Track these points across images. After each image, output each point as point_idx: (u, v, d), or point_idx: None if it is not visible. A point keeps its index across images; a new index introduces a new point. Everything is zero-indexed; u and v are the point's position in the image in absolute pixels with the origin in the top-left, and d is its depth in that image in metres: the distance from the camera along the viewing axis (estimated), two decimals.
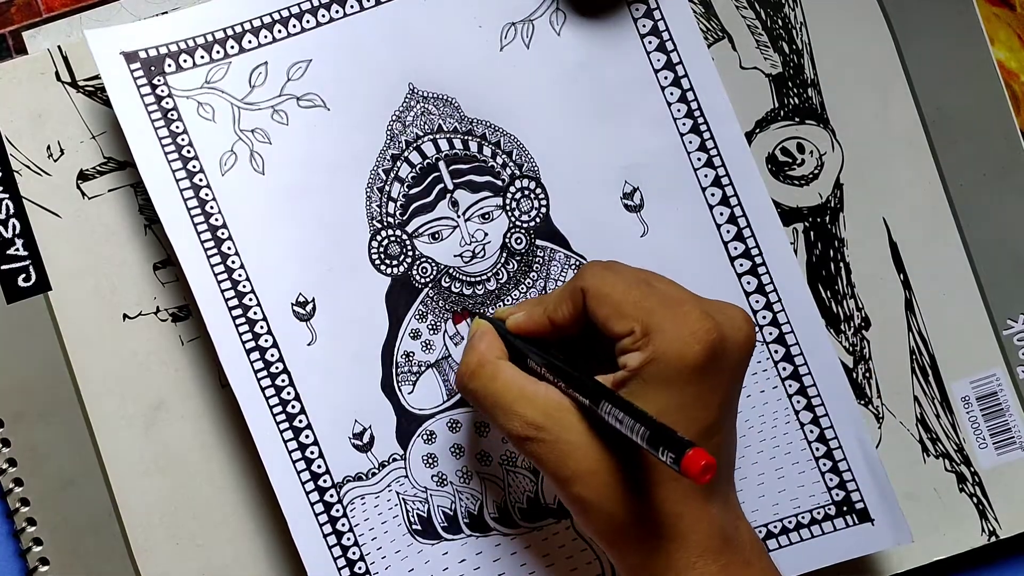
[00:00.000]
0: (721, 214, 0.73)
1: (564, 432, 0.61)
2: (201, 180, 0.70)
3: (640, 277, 0.63)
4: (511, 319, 0.67)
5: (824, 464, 0.72)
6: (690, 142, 0.73)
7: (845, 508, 0.72)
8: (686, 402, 0.60)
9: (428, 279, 0.72)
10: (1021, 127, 0.75)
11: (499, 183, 0.72)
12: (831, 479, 0.72)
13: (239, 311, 0.70)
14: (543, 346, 0.65)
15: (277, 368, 0.70)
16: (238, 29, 0.72)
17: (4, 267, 0.72)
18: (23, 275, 0.72)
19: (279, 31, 0.72)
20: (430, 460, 0.71)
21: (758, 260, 0.73)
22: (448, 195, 0.72)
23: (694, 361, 0.59)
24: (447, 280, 0.72)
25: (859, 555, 0.72)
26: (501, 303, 0.72)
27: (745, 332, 0.62)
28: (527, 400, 0.62)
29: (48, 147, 0.72)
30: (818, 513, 0.72)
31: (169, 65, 0.71)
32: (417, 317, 0.72)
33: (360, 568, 0.70)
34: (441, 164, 0.72)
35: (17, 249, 0.72)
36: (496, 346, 0.66)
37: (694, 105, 0.73)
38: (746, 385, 0.67)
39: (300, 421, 0.70)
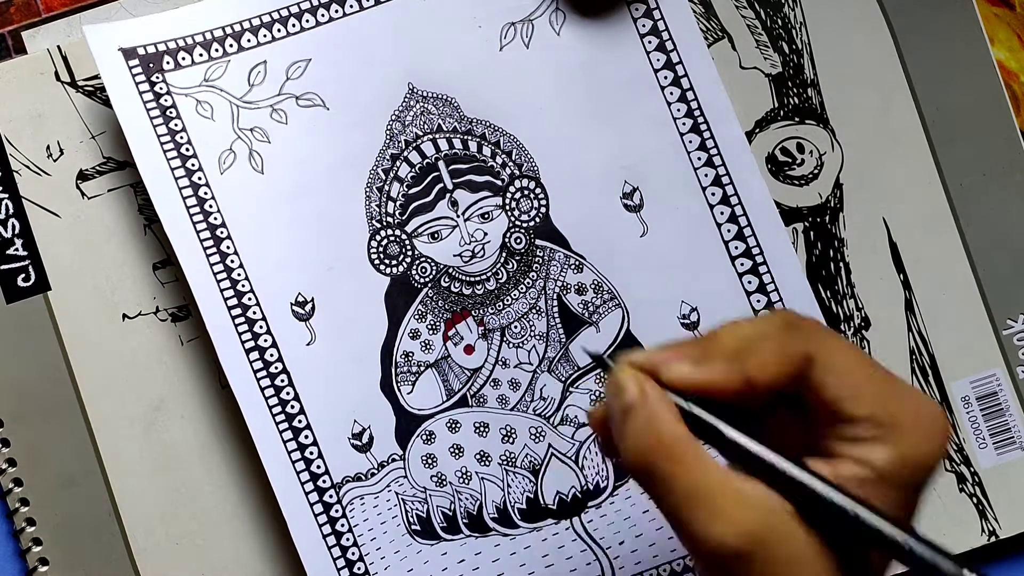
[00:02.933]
0: (721, 213, 0.73)
1: (786, 547, 0.46)
2: (200, 179, 0.70)
3: (862, 351, 0.53)
4: (671, 370, 0.50)
5: None
6: (690, 142, 0.73)
7: None
8: (915, 510, 0.50)
9: (427, 279, 0.72)
10: (1021, 127, 0.75)
11: (499, 183, 0.72)
12: None
13: (238, 311, 0.70)
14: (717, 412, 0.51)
15: (276, 368, 0.70)
16: (237, 28, 0.72)
17: (4, 267, 0.72)
18: (23, 275, 0.72)
19: (278, 30, 0.72)
20: (429, 460, 0.71)
21: (759, 259, 0.73)
22: (448, 195, 0.72)
23: (935, 463, 0.49)
24: (446, 280, 0.72)
25: None
26: (501, 303, 0.72)
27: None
28: (741, 500, 0.47)
29: (48, 147, 0.72)
30: None
31: (168, 63, 0.71)
32: (416, 317, 0.72)
33: (359, 569, 0.70)
34: (441, 164, 0.72)
35: (17, 249, 0.72)
36: (675, 415, 0.49)
37: (694, 105, 0.73)
38: None
39: (299, 421, 0.70)
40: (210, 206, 0.70)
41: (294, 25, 0.72)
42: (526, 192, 0.72)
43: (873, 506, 0.47)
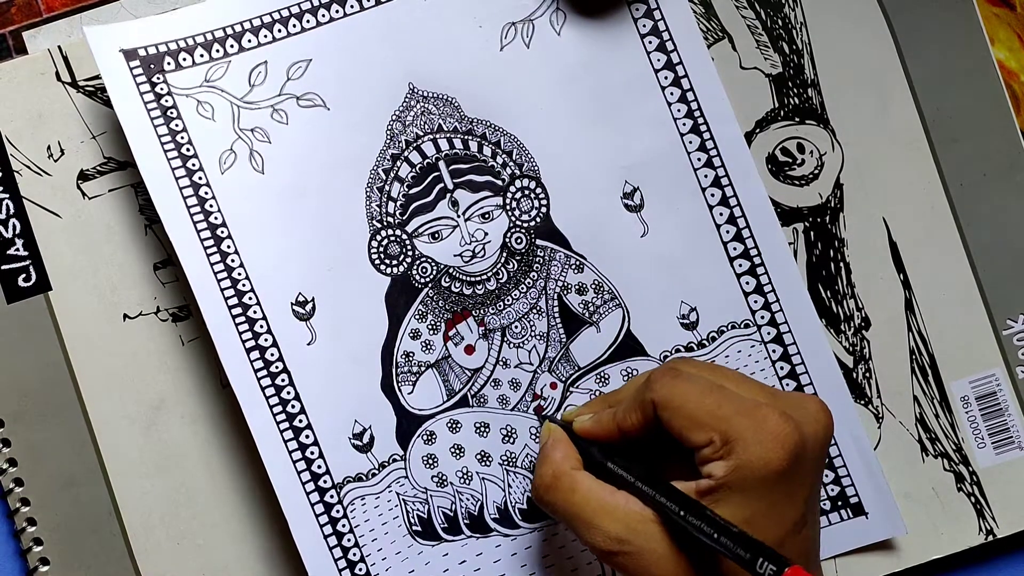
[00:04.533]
0: (721, 214, 0.73)
1: (648, 543, 0.60)
2: (200, 179, 0.70)
3: (710, 382, 0.63)
4: (578, 422, 0.67)
5: None
6: (690, 142, 0.73)
7: (840, 503, 0.72)
8: (771, 505, 0.60)
9: (428, 279, 0.72)
10: (1021, 127, 0.75)
11: (499, 183, 0.72)
12: (826, 475, 0.72)
13: (239, 311, 0.70)
14: (614, 448, 0.65)
15: (277, 368, 0.70)
16: (238, 28, 0.72)
17: (4, 267, 0.72)
18: (23, 275, 0.72)
19: (279, 30, 0.72)
20: (430, 461, 0.71)
21: (756, 260, 0.73)
22: (448, 195, 0.72)
23: (779, 466, 0.59)
24: (447, 280, 0.72)
25: (853, 547, 0.72)
26: (501, 303, 0.72)
27: (823, 423, 0.62)
28: (608, 513, 0.62)
29: (48, 147, 0.72)
30: None
31: (168, 63, 0.71)
32: (417, 317, 0.72)
33: (360, 569, 0.70)
34: (441, 164, 0.72)
35: (17, 249, 0.72)
36: (571, 455, 0.65)
37: (694, 105, 0.73)
38: None
39: (300, 421, 0.70)
40: (211, 206, 0.70)
41: (295, 25, 0.72)
42: (526, 192, 0.72)
43: (704, 513, 0.59)
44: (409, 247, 0.72)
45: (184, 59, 0.71)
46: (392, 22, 0.72)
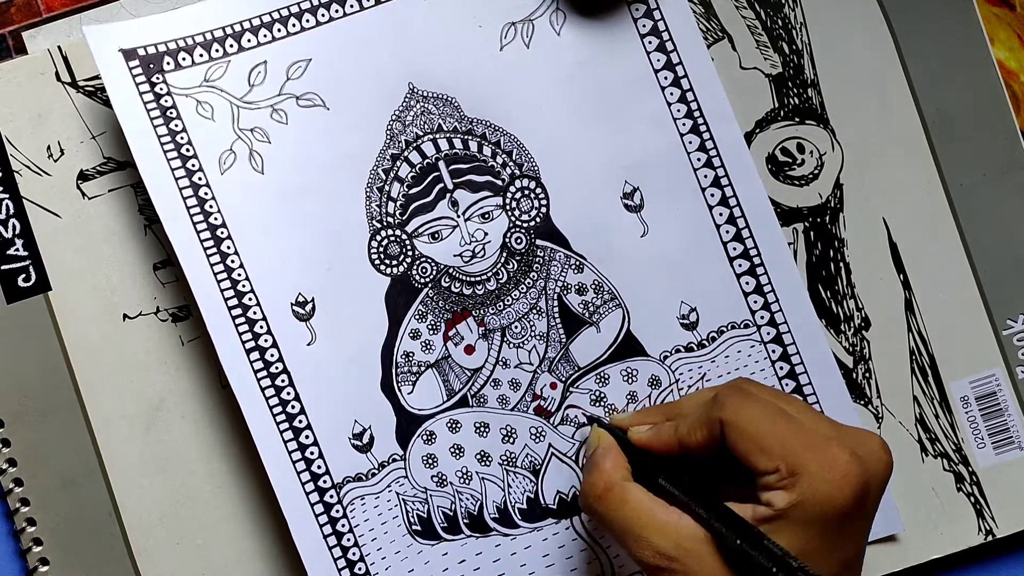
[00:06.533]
0: (720, 214, 0.73)
1: (697, 563, 0.60)
2: (200, 179, 0.70)
3: (780, 408, 0.62)
4: (634, 432, 0.66)
5: None
6: (690, 142, 0.73)
7: None
8: (830, 541, 0.59)
9: (428, 279, 0.72)
10: (1021, 127, 0.75)
11: (499, 183, 0.72)
12: None
13: (239, 311, 0.70)
14: (665, 460, 0.65)
15: (277, 368, 0.70)
16: (237, 28, 0.71)
17: (4, 267, 0.72)
18: (23, 275, 0.72)
19: (279, 30, 0.72)
20: (430, 460, 0.71)
21: (756, 260, 0.73)
22: (448, 195, 0.72)
23: (843, 505, 0.59)
24: (447, 280, 0.72)
25: None
26: (501, 303, 0.72)
27: (885, 462, 0.62)
28: (658, 529, 0.61)
29: (48, 147, 0.72)
30: None
31: (168, 63, 0.71)
32: (417, 317, 0.72)
33: (360, 569, 0.70)
34: (441, 164, 0.72)
35: (17, 249, 0.72)
36: (621, 464, 0.64)
37: (694, 105, 0.73)
38: None
39: (300, 421, 0.70)
40: (210, 206, 0.70)
41: (294, 25, 0.72)
42: (526, 192, 0.72)
43: (762, 543, 0.58)
44: (409, 247, 0.72)
45: (183, 59, 0.71)
46: (392, 22, 0.72)
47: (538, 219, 0.72)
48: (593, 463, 0.65)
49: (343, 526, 0.70)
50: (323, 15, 0.72)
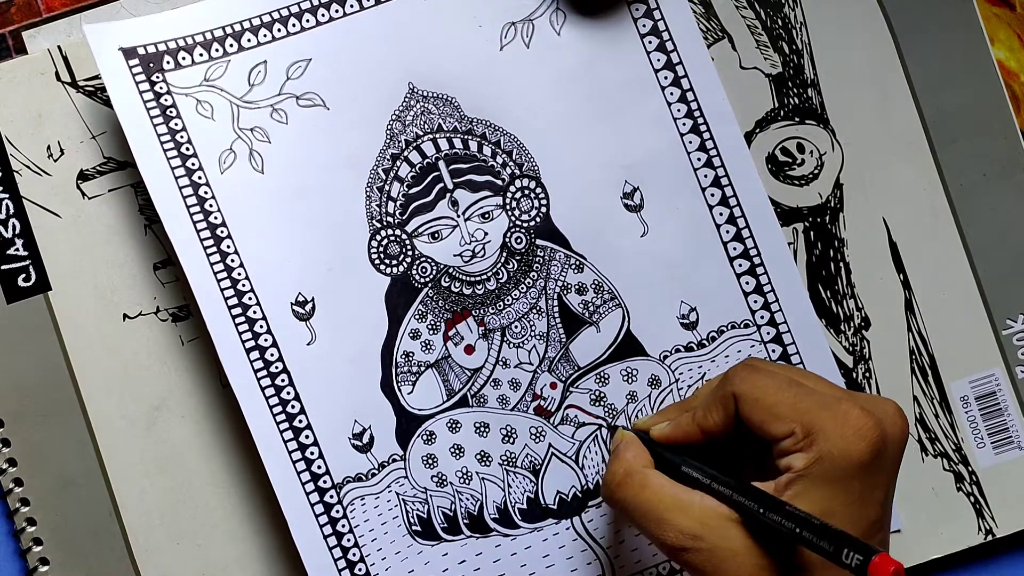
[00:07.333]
0: (720, 214, 0.73)
1: (722, 540, 0.60)
2: (200, 178, 0.70)
3: (789, 376, 0.62)
4: (655, 429, 0.67)
5: None
6: (690, 142, 0.73)
7: None
8: (852, 500, 0.59)
9: (428, 279, 0.72)
10: (1021, 127, 0.75)
11: (499, 182, 0.72)
12: None
13: (239, 311, 0.70)
14: (688, 454, 0.65)
15: (277, 368, 0.70)
16: (237, 27, 0.71)
17: (4, 267, 0.72)
18: (23, 275, 0.72)
19: (279, 30, 0.72)
20: (430, 460, 0.71)
21: (756, 260, 0.73)
22: (448, 194, 0.72)
23: (860, 459, 0.59)
24: (447, 280, 0.72)
25: None
26: (501, 303, 0.72)
27: (901, 427, 0.62)
28: (681, 509, 0.61)
29: (48, 147, 0.72)
30: None
31: (168, 62, 0.71)
32: (417, 317, 0.72)
33: (360, 569, 0.70)
34: (441, 163, 0.72)
35: (17, 249, 0.72)
36: (642, 455, 0.65)
37: (694, 105, 0.73)
38: None
39: (300, 421, 0.70)
40: (210, 206, 0.70)
41: (294, 25, 0.72)
42: (526, 192, 0.72)
43: (784, 508, 0.58)
44: (409, 247, 0.72)
45: (183, 58, 0.71)
46: (392, 22, 0.72)
47: (538, 219, 0.73)
48: (615, 454, 0.65)
49: (343, 526, 0.70)
50: (323, 15, 0.72)
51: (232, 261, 0.70)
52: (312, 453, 0.70)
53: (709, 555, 0.60)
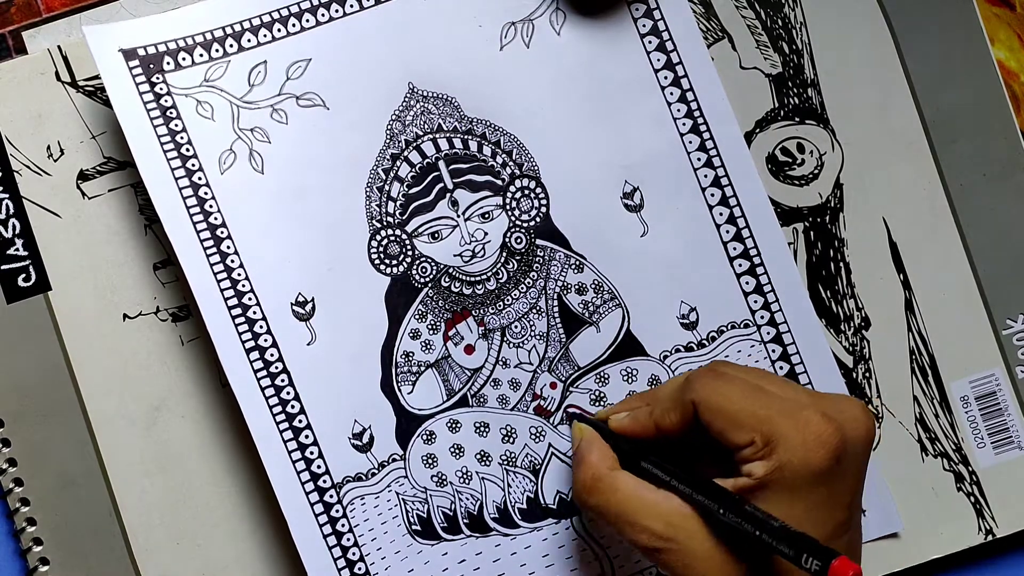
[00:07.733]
0: (720, 214, 0.73)
1: (690, 540, 0.60)
2: (200, 179, 0.70)
3: (752, 383, 0.62)
4: (614, 420, 0.67)
5: None
6: (690, 142, 0.73)
7: None
8: (815, 505, 0.60)
9: (428, 279, 0.72)
10: (1021, 127, 0.75)
11: (499, 182, 0.72)
12: None
13: (239, 311, 0.70)
14: (647, 446, 0.65)
15: (277, 368, 0.70)
16: (237, 28, 0.71)
17: (4, 267, 0.72)
18: (23, 275, 0.72)
19: (278, 30, 0.72)
20: (430, 460, 0.71)
21: (756, 260, 0.73)
22: (448, 194, 0.72)
23: (820, 466, 0.59)
24: (447, 280, 0.72)
25: None
26: (501, 303, 0.72)
27: (865, 426, 0.62)
28: (650, 511, 0.61)
29: (48, 147, 0.72)
30: None
31: (168, 63, 0.71)
32: (417, 317, 0.72)
33: (360, 569, 0.70)
34: (441, 163, 0.72)
35: (17, 249, 0.72)
36: (607, 455, 0.65)
37: (694, 105, 0.73)
38: None
39: (300, 421, 0.70)
40: (210, 206, 0.70)
41: (294, 25, 0.72)
42: (526, 192, 0.72)
43: (743, 509, 0.59)
44: (409, 247, 0.72)
45: (183, 59, 0.71)
46: (392, 22, 0.72)
47: (538, 219, 0.73)
48: (579, 458, 0.65)
49: (343, 526, 0.70)
50: (323, 15, 0.72)
51: (232, 261, 0.70)
52: (312, 453, 0.70)
53: (680, 555, 0.60)
